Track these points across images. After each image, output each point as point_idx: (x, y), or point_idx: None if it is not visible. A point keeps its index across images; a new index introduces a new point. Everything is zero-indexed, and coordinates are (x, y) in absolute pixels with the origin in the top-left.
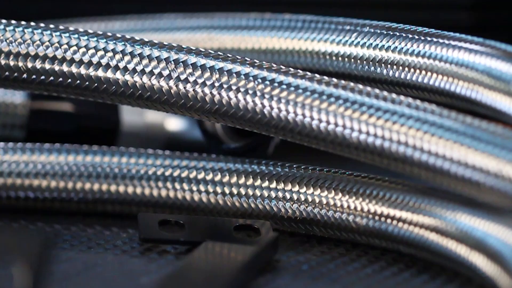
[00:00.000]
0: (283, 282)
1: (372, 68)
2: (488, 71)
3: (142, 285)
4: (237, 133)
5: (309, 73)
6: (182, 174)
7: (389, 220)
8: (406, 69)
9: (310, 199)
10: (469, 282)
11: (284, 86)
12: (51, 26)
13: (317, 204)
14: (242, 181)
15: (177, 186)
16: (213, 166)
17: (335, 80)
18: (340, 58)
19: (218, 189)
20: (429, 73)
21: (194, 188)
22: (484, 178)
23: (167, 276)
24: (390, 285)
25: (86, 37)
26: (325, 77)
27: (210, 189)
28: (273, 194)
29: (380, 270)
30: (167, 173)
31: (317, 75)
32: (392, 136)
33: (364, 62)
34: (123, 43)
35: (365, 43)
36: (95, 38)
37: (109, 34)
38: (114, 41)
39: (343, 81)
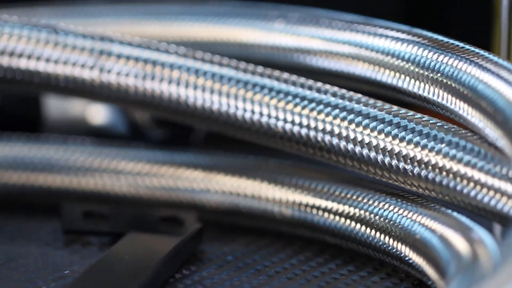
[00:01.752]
0: (207, 273)
1: (298, 57)
2: (414, 60)
3: (65, 276)
4: (164, 122)
5: (234, 63)
6: (107, 165)
7: (314, 210)
8: (332, 58)
9: (234, 189)
10: (395, 271)
11: (209, 76)
12: None
13: (241, 194)
14: (166, 171)
15: (101, 176)
16: (138, 156)
17: (260, 69)
18: (265, 47)
19: (143, 180)
20: (355, 62)
21: (118, 179)
22: (410, 166)
23: (90, 267)
24: (315, 275)
25: (10, 26)
26: (250, 66)
27: (135, 179)
28: (198, 184)
29: (306, 260)
30: (91, 164)
31: (242, 65)
32: (318, 125)
33: (290, 51)
34: (47, 31)
35: (291, 31)
36: (18, 26)
37: (32, 22)
38: (38, 30)
39: (268, 70)
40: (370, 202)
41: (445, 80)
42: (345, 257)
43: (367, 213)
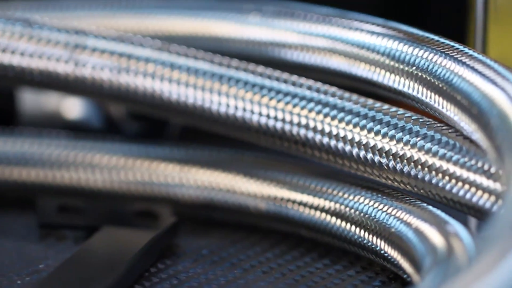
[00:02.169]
0: (182, 266)
1: (273, 50)
2: (389, 53)
3: (40, 270)
4: (139, 116)
5: (209, 56)
6: (82, 158)
7: (290, 204)
8: (307, 51)
9: (209, 183)
10: (370, 265)
11: (184, 70)
12: None
13: (216, 188)
14: (141, 165)
15: (76, 170)
16: (113, 150)
17: (235, 62)
18: (240, 41)
19: (118, 174)
20: (330, 55)
21: (93, 173)
22: (386, 160)
23: (65, 261)
24: (291, 269)
25: None
26: (225, 60)
27: (110, 173)
28: (173, 178)
29: (281, 254)
30: (66, 157)
31: (217, 58)
32: (292, 119)
33: (265, 44)
34: (21, 24)
35: (266, 24)
36: None
37: (7, 15)
38: (12, 23)
39: (242, 64)
40: (346, 195)
41: (420, 74)
42: (320, 251)
43: (342, 207)
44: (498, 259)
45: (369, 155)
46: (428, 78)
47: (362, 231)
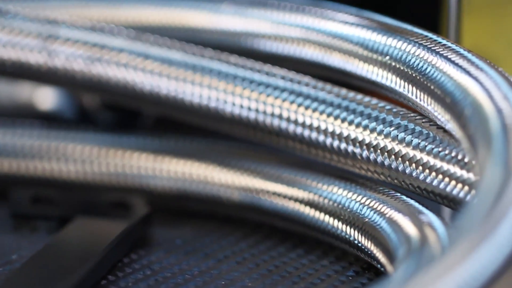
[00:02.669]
0: (156, 257)
1: (246, 40)
2: (363, 43)
3: (13, 261)
4: (113, 106)
5: (182, 46)
6: (55, 149)
7: (263, 194)
8: (280, 41)
9: (183, 173)
10: (344, 255)
11: (157, 60)
12: None
13: (190, 178)
14: (115, 155)
15: (49, 160)
16: (86, 140)
17: (208, 52)
18: (213, 31)
19: (91, 164)
20: (303, 45)
21: (67, 163)
22: (359, 150)
23: (38, 252)
24: (265, 259)
25: None
26: (198, 50)
27: (83, 164)
28: (146, 168)
29: (255, 244)
30: (39, 148)
31: (190, 48)
32: (266, 109)
33: (238, 34)
34: None
35: (238, 14)
36: None
37: None
38: None
39: (216, 54)
40: (319, 185)
41: (394, 64)
42: (294, 241)
43: (316, 197)
44: (471, 249)
45: (343, 145)
46: (402, 68)
47: (336, 221)
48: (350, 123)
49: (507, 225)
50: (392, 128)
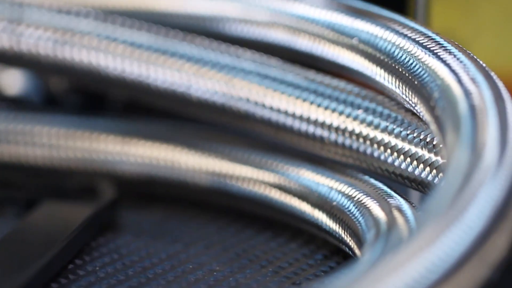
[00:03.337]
0: (124, 241)
1: (211, 24)
2: (331, 26)
3: None
4: (81, 89)
5: (151, 29)
6: (21, 132)
7: (229, 178)
8: (248, 24)
9: (153, 157)
10: (312, 239)
11: (126, 43)
12: None
13: (157, 162)
14: (82, 139)
15: (16, 144)
16: (53, 123)
17: (174, 34)
18: (179, 15)
19: (58, 148)
20: (270, 28)
21: (33, 147)
22: (327, 133)
23: (4, 236)
24: (233, 243)
25: None
26: (164, 32)
27: (50, 147)
28: (114, 152)
29: (223, 227)
30: (5, 132)
31: (156, 30)
32: (232, 92)
33: (205, 18)
34: None
35: None
36: None
37: None
38: None
39: (183, 36)
40: (286, 168)
41: (361, 47)
42: (262, 224)
43: (284, 180)
44: (439, 232)
45: (311, 128)
46: (370, 51)
47: (304, 204)
48: (318, 106)
49: (474, 208)
50: (360, 111)
